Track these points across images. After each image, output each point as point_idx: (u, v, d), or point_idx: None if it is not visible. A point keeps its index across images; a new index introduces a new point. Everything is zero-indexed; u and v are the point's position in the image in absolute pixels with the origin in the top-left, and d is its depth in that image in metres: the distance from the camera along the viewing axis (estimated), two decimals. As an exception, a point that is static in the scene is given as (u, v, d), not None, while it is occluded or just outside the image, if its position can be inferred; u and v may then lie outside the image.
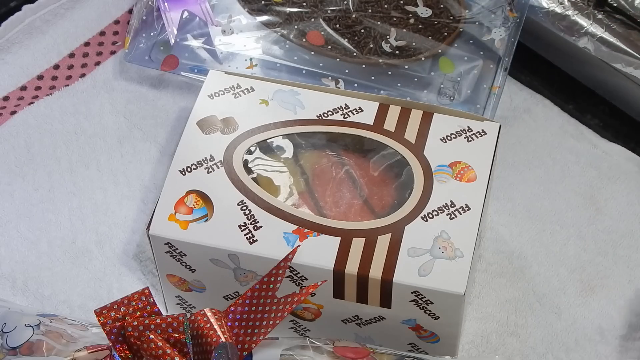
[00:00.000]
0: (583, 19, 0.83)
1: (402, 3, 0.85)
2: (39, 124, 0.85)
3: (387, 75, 0.82)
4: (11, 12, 0.91)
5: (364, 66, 0.82)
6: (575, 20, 0.83)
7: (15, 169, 0.83)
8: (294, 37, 0.83)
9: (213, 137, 0.70)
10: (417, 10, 0.84)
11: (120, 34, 0.92)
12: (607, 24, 0.82)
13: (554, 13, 0.84)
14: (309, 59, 0.83)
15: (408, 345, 0.70)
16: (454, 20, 0.84)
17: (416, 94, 0.82)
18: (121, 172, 0.83)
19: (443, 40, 0.83)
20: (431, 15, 0.84)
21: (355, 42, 0.83)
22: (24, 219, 0.80)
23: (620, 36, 0.82)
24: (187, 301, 0.73)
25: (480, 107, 0.81)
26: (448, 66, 0.83)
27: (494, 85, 0.82)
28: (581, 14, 0.83)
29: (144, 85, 0.88)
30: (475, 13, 0.85)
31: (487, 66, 0.83)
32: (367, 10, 0.84)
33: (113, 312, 0.59)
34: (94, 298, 0.76)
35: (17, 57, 0.90)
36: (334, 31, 0.83)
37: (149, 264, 0.78)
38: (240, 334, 0.59)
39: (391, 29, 0.83)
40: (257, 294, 0.60)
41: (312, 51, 0.83)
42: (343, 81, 0.82)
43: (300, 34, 0.84)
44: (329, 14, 0.84)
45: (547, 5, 0.84)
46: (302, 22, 0.84)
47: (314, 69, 0.83)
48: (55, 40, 0.91)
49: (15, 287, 0.77)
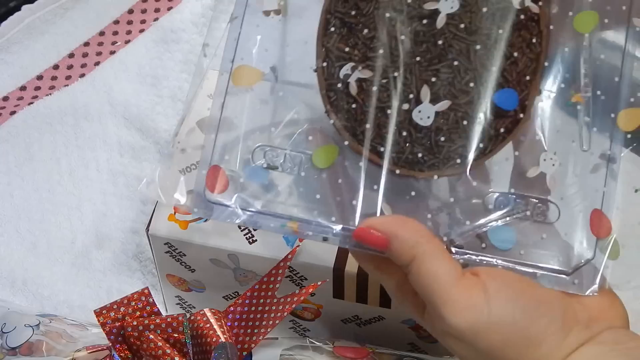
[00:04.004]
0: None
1: None
2: (39, 124, 0.85)
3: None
4: (11, 12, 0.91)
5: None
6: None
7: (15, 169, 0.83)
8: None
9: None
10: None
11: (120, 34, 0.92)
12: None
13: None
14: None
15: (408, 345, 0.70)
16: None
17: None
18: (120, 172, 0.83)
19: None
20: None
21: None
22: (24, 219, 0.80)
23: None
24: (186, 301, 0.73)
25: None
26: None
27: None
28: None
29: (144, 85, 0.88)
30: None
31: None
32: None
33: (113, 312, 0.59)
34: (93, 298, 0.76)
35: (16, 57, 0.90)
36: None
37: (148, 264, 0.78)
38: (239, 333, 0.59)
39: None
40: (257, 294, 0.60)
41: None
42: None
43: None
44: None
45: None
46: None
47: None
48: (55, 41, 0.91)
49: (14, 287, 0.77)
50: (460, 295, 0.50)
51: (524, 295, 0.51)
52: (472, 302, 0.50)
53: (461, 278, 0.51)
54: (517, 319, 0.50)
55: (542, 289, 0.52)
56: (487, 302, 0.50)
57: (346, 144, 0.54)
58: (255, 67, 0.57)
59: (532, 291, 0.52)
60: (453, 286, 0.50)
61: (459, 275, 0.51)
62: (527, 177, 0.54)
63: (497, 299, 0.50)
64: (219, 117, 0.56)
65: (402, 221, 0.52)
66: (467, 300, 0.50)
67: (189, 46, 0.89)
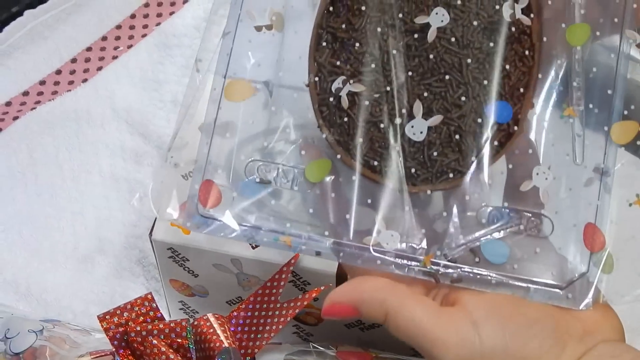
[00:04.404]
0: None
1: None
2: (41, 130, 0.85)
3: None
4: (13, 17, 0.91)
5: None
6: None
7: (18, 174, 0.83)
8: None
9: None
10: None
11: (122, 39, 0.92)
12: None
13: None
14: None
15: (411, 350, 0.70)
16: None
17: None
18: (123, 177, 0.83)
19: None
20: None
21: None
22: (27, 225, 0.80)
23: None
24: (190, 306, 0.73)
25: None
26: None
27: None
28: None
29: (146, 90, 0.88)
30: None
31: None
32: None
33: (116, 318, 0.59)
34: (96, 303, 0.76)
35: (19, 62, 0.90)
36: None
37: (151, 269, 0.78)
38: (243, 339, 0.60)
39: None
40: (260, 298, 0.60)
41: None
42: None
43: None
44: None
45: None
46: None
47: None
48: (57, 45, 0.91)
49: (18, 292, 0.77)
50: (447, 332, 0.50)
51: (513, 318, 0.51)
52: (461, 336, 0.50)
53: (441, 314, 0.51)
54: (510, 344, 0.50)
55: (531, 307, 0.52)
56: (477, 333, 0.50)
57: (339, 157, 0.54)
58: (247, 82, 0.57)
59: (521, 312, 0.51)
60: (436, 325, 0.50)
61: (438, 311, 0.51)
62: (520, 190, 0.54)
63: (486, 327, 0.50)
64: (211, 131, 0.57)
65: (362, 284, 0.53)
66: (455, 336, 0.50)
67: (191, 51, 0.89)
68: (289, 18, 0.58)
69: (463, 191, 0.54)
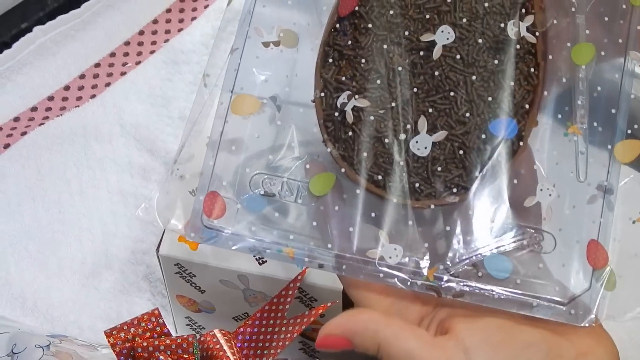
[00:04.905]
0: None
1: None
2: (49, 145, 0.86)
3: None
4: (22, 33, 0.91)
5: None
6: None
7: (26, 189, 0.83)
8: None
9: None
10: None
11: (130, 55, 0.92)
12: None
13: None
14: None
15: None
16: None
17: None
18: (131, 193, 0.83)
19: None
20: None
21: None
22: (34, 240, 0.80)
23: None
24: (196, 322, 0.73)
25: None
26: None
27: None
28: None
29: (154, 106, 0.88)
30: None
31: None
32: None
33: (123, 333, 0.59)
34: (103, 319, 0.76)
35: (27, 78, 0.90)
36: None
37: (158, 284, 0.78)
38: (249, 355, 0.59)
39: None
40: (267, 314, 0.60)
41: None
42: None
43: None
44: None
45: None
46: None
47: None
48: (66, 62, 0.91)
49: (25, 307, 0.77)
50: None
51: (505, 344, 0.51)
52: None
53: (434, 344, 0.51)
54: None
55: (524, 332, 0.52)
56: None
57: (343, 172, 0.55)
58: (254, 97, 0.57)
59: (514, 337, 0.52)
60: (429, 356, 0.50)
61: (431, 341, 0.51)
62: (524, 206, 0.54)
63: (478, 355, 0.50)
64: (217, 145, 0.57)
65: (355, 316, 0.53)
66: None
67: (199, 67, 0.90)
68: (295, 35, 0.58)
69: (466, 207, 0.54)
